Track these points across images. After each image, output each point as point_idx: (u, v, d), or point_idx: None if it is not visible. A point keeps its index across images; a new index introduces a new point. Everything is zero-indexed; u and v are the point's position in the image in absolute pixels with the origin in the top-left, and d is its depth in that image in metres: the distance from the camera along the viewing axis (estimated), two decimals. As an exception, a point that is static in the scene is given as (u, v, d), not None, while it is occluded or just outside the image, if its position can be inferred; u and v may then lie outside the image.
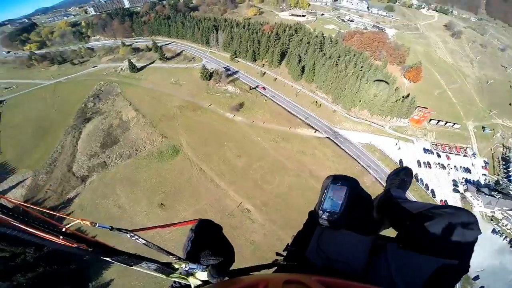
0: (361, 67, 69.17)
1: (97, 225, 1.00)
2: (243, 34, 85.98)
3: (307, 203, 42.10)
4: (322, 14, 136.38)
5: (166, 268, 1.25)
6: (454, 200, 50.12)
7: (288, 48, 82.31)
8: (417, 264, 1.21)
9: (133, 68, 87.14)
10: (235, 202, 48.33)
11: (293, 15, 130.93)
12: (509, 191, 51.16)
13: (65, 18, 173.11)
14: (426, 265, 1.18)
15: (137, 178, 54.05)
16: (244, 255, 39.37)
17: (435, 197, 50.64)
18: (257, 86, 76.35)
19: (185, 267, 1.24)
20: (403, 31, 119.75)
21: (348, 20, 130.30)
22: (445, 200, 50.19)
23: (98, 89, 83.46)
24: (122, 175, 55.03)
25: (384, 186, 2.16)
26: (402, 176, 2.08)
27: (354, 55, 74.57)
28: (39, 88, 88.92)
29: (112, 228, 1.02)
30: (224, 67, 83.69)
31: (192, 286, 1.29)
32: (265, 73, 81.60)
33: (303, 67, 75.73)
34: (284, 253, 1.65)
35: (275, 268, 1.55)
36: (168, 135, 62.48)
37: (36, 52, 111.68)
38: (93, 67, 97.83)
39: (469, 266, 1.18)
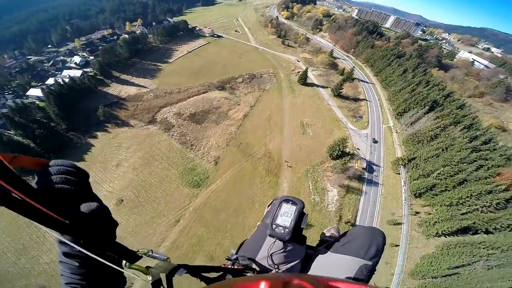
0: None
1: (152, 253, 1.26)
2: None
3: None
4: None
5: (132, 254, 1.24)
6: None
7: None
8: (345, 261, 1.62)
9: (301, 79, 75.96)
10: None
11: None
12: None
13: (337, 10, 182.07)
14: (351, 263, 1.58)
15: (151, 165, 48.87)
16: None
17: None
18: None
19: (151, 253, 1.31)
20: None
21: None
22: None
23: (262, 72, 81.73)
24: (156, 149, 51.90)
25: None
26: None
27: None
28: (242, 44, 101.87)
29: (167, 258, 1.28)
30: (370, 162, 52.46)
31: (149, 279, 1.28)
32: (417, 213, 42.97)
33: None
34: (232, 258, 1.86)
35: (221, 272, 1.73)
36: (219, 164, 50.16)
37: (279, 19, 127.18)
38: (296, 59, 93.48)
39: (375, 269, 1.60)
